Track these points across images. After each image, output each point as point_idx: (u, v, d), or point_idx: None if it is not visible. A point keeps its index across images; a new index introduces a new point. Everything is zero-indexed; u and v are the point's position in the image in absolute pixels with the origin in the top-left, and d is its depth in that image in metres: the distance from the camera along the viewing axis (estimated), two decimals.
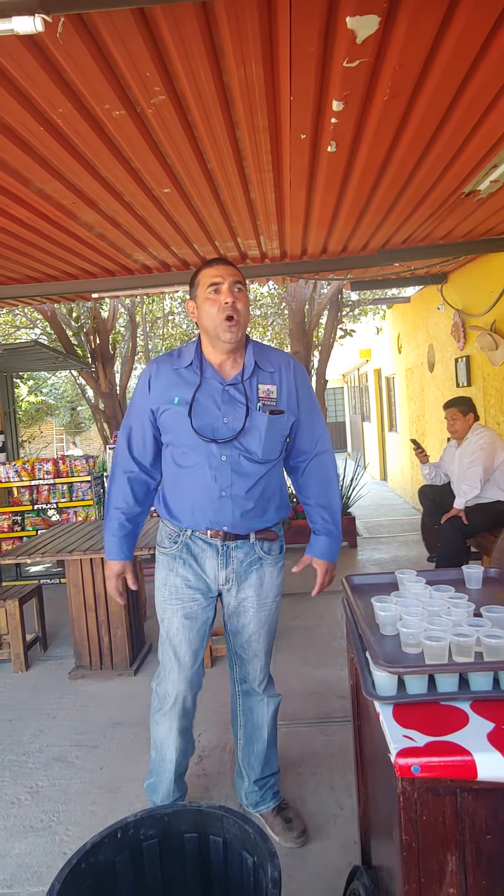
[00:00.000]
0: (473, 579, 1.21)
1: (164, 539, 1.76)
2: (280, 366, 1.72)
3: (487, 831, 0.79)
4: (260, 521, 1.69)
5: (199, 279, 1.66)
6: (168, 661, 1.76)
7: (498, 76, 1.94)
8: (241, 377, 1.66)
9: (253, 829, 1.29)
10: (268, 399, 1.66)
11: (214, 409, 1.64)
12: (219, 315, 1.59)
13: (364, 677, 0.93)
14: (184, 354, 1.71)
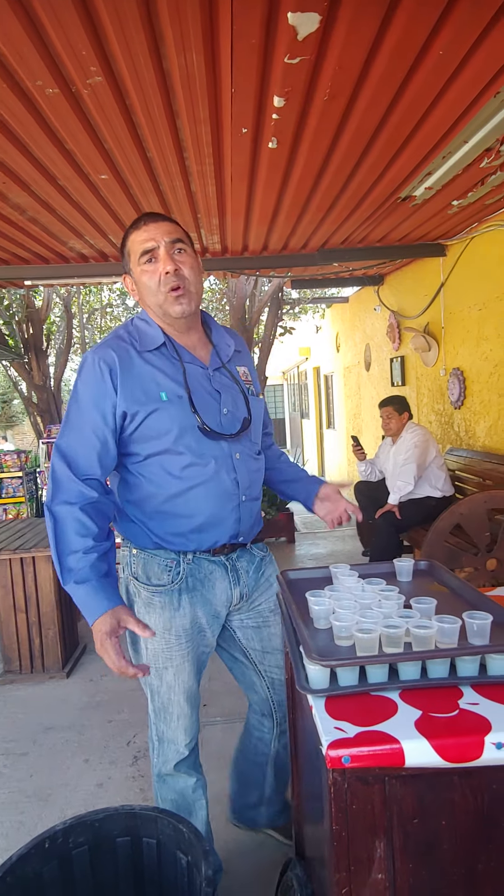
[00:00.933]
0: (404, 572, 1.25)
1: (158, 574, 1.36)
2: (242, 346, 1.52)
3: (414, 816, 0.82)
4: (258, 525, 1.47)
5: (128, 248, 1.33)
6: (176, 708, 1.42)
7: (433, 86, 2.00)
8: (220, 359, 1.41)
9: (188, 829, 1.27)
10: (248, 381, 1.45)
11: (211, 400, 1.35)
12: (161, 288, 1.28)
13: (297, 671, 0.93)
14: (144, 335, 1.35)
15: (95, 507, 1.26)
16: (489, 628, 0.92)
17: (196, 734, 1.49)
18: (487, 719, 0.81)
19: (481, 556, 3.23)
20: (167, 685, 1.40)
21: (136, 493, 1.35)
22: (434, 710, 0.84)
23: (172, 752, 1.46)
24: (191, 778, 1.50)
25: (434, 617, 0.94)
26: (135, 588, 1.40)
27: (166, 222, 1.31)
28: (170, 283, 1.28)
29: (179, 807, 1.52)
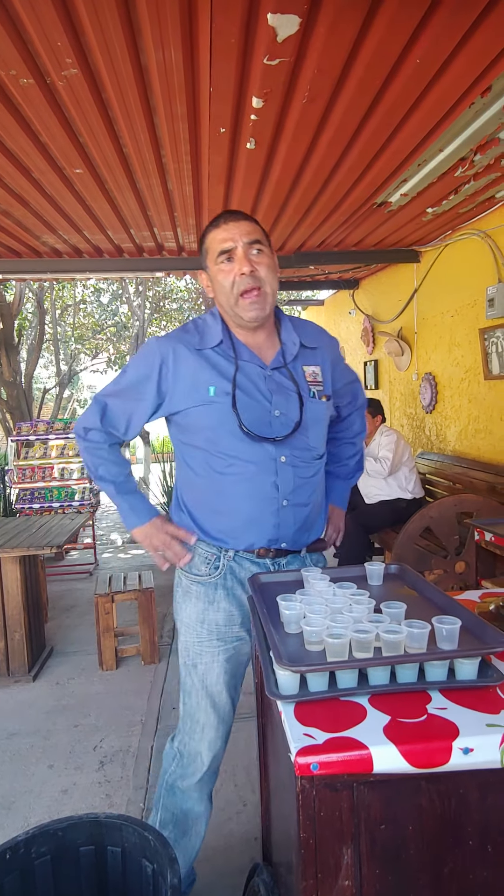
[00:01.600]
0: (375, 576, 1.25)
1: (198, 564, 1.38)
2: (321, 342, 1.45)
3: (382, 822, 0.81)
4: (314, 531, 1.42)
5: (206, 245, 1.32)
6: (202, 715, 1.39)
7: (410, 94, 2.02)
8: (283, 359, 1.36)
9: (153, 836, 1.25)
10: (315, 383, 1.38)
11: (262, 401, 1.31)
12: (234, 290, 1.26)
13: (267, 676, 0.93)
14: (206, 332, 1.35)
15: (117, 449, 1.43)
16: (458, 633, 0.92)
17: (218, 755, 1.44)
18: (455, 724, 0.82)
19: (450, 559, 3.28)
20: (198, 683, 1.39)
21: (187, 482, 1.40)
22: (403, 716, 0.84)
23: (193, 767, 1.43)
24: (198, 806, 1.47)
25: (404, 621, 0.94)
26: (179, 576, 1.44)
27: (246, 221, 1.29)
28: (244, 285, 1.26)
29: (177, 822, 1.48)
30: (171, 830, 1.49)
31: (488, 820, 0.82)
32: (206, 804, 1.47)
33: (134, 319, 7.66)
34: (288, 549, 1.36)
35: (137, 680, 2.95)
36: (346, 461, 1.63)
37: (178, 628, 1.44)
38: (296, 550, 1.38)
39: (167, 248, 3.99)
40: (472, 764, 0.79)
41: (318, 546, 1.45)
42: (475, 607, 1.19)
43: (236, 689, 1.44)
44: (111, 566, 5.27)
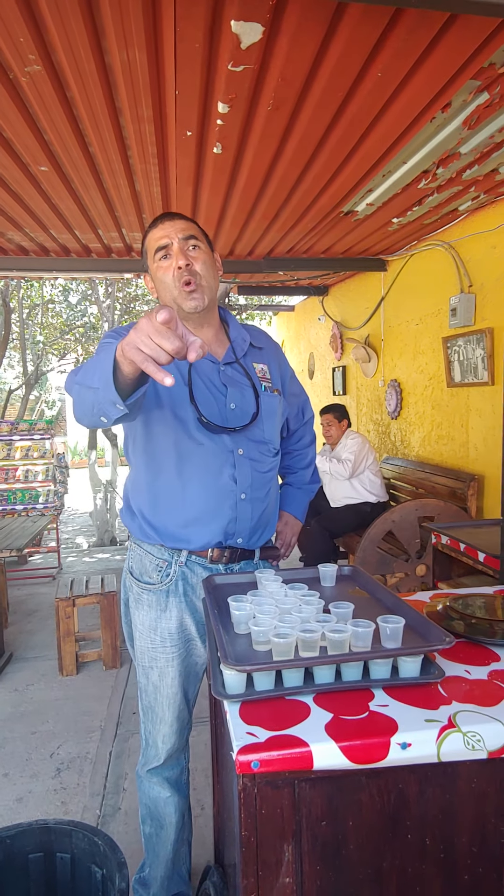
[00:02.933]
0: (328, 577, 1.27)
1: (149, 571, 1.37)
2: (267, 343, 1.50)
3: (322, 818, 0.83)
4: (267, 531, 1.43)
5: (146, 246, 1.35)
6: (158, 709, 1.41)
7: (372, 105, 2.07)
8: (234, 354, 1.39)
9: (103, 841, 1.24)
10: (265, 379, 1.42)
11: (217, 392, 1.33)
12: (174, 283, 1.28)
13: (215, 676, 0.93)
14: None
15: None
16: (401, 632, 0.95)
17: (177, 748, 1.45)
18: (395, 720, 0.83)
19: (411, 562, 3.34)
20: (153, 685, 1.40)
21: (140, 484, 1.36)
22: (345, 713, 0.85)
23: (151, 755, 1.46)
24: (163, 791, 1.48)
25: (350, 621, 0.96)
26: (129, 582, 1.43)
27: (181, 220, 1.32)
28: (182, 278, 1.27)
29: (152, 814, 1.51)
30: (150, 826, 1.51)
31: (426, 813, 0.84)
32: (171, 790, 1.48)
33: (103, 321, 7.58)
34: (242, 547, 1.36)
35: (98, 685, 2.91)
36: (301, 471, 1.67)
37: (130, 632, 1.45)
38: (249, 552, 1.39)
39: (136, 249, 3.97)
40: (410, 758, 0.81)
41: (272, 553, 1.46)
42: (424, 607, 1.22)
43: (193, 688, 1.44)
44: (75, 570, 5.19)
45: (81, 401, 1.11)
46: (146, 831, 1.52)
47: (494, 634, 1.07)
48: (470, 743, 0.81)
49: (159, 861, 1.51)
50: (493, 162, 2.64)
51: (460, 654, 1.03)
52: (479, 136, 2.38)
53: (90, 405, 1.07)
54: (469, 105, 2.12)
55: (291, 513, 1.62)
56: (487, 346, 3.28)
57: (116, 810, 2.02)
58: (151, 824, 1.51)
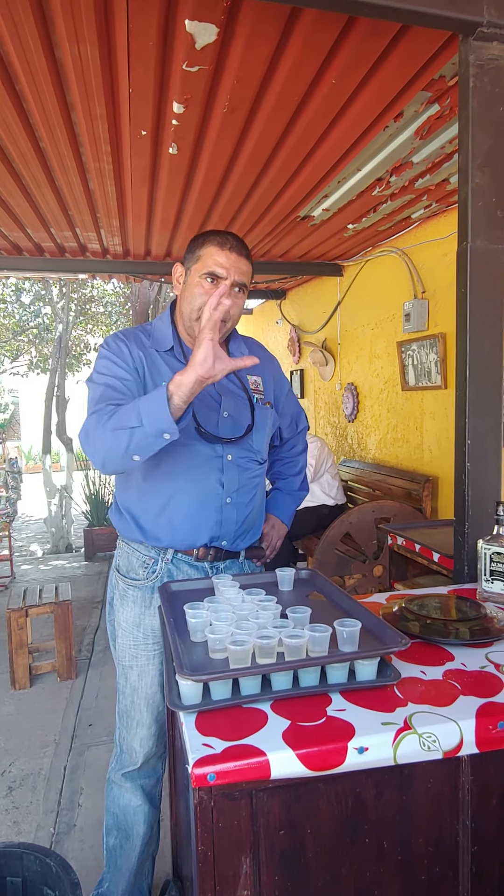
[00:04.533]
0: (285, 581, 1.27)
1: (136, 568, 1.39)
2: (261, 356, 1.48)
3: (280, 827, 0.81)
4: (251, 534, 1.46)
5: (200, 252, 1.31)
6: (136, 713, 1.40)
7: (327, 112, 2.09)
8: None
9: (55, 862, 1.20)
10: (257, 391, 1.45)
11: (211, 402, 1.36)
12: (202, 309, 1.23)
13: (170, 687, 0.91)
14: (157, 335, 1.39)
15: None
16: (358, 635, 0.95)
17: (155, 754, 1.44)
18: (352, 725, 0.83)
19: (369, 564, 3.39)
20: (131, 686, 1.40)
21: (130, 485, 1.39)
22: (303, 720, 0.85)
23: (127, 760, 1.44)
24: (135, 798, 1.46)
25: (307, 626, 0.95)
26: (115, 579, 1.45)
27: (246, 261, 1.32)
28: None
29: (119, 824, 1.48)
30: (115, 837, 1.48)
31: (383, 816, 0.84)
32: (143, 798, 1.46)
33: (57, 322, 7.40)
34: (227, 549, 1.40)
35: (52, 698, 2.82)
36: (291, 478, 1.70)
37: (114, 630, 1.45)
38: (234, 552, 1.42)
39: (91, 249, 3.89)
40: (367, 763, 0.81)
41: (257, 553, 1.49)
42: (380, 609, 1.23)
43: None
44: (29, 579, 5.03)
45: (115, 445, 1.16)
46: (110, 843, 1.48)
47: (448, 634, 1.09)
48: (426, 744, 0.82)
49: (121, 874, 1.47)
50: (444, 172, 2.72)
51: (416, 654, 1.04)
52: (430, 146, 2.44)
53: (125, 446, 1.14)
54: (421, 116, 2.17)
55: (278, 516, 1.64)
56: (440, 350, 3.37)
57: (72, 827, 1.96)
58: (117, 835, 1.47)
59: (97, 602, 4.24)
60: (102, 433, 1.17)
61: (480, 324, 1.47)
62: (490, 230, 1.45)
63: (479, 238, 1.45)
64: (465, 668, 1.00)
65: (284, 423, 1.63)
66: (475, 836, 0.88)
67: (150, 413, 1.11)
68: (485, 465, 1.49)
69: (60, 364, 7.27)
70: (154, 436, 1.12)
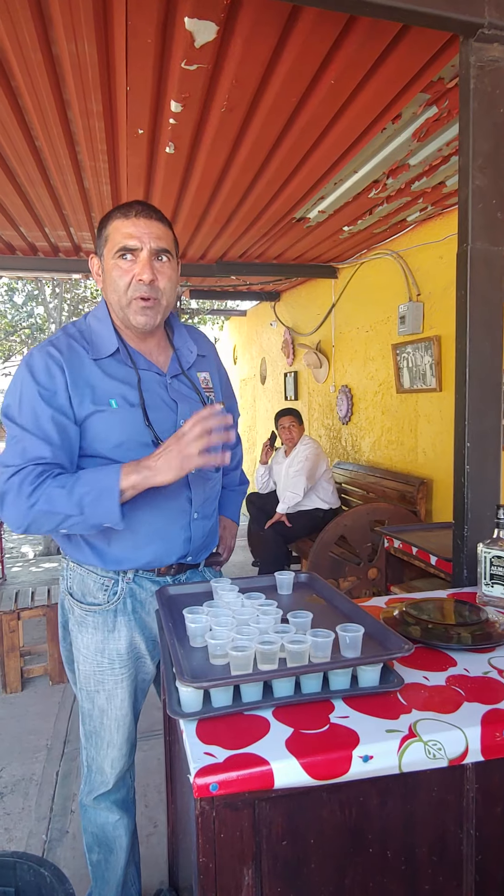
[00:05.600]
0: (284, 585, 1.25)
1: (93, 591, 1.27)
2: (207, 349, 1.41)
3: (283, 838, 0.80)
4: (213, 543, 1.39)
5: (108, 232, 1.18)
6: (106, 733, 1.31)
7: (325, 113, 2.08)
8: (180, 366, 1.31)
9: (49, 872, 1.17)
10: (208, 389, 1.34)
11: (168, 411, 1.24)
12: (128, 292, 1.17)
13: (170, 694, 0.89)
14: (97, 338, 1.22)
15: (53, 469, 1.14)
16: (360, 640, 0.93)
17: (126, 769, 1.37)
18: (356, 732, 0.82)
19: (363, 566, 3.38)
20: (99, 709, 1.30)
21: None
22: (305, 727, 0.83)
23: (98, 782, 1.35)
24: (112, 815, 1.38)
25: (309, 631, 0.94)
26: (69, 604, 1.31)
27: (160, 223, 1.18)
28: (140, 291, 1.16)
29: (100, 840, 1.41)
30: (98, 853, 1.42)
31: (388, 826, 0.83)
32: (120, 812, 1.39)
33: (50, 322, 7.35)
34: (191, 563, 1.33)
35: (44, 701, 2.78)
36: (231, 473, 1.61)
37: (70, 656, 1.35)
38: (195, 564, 1.35)
39: (84, 248, 3.86)
40: (372, 771, 0.79)
41: (215, 560, 1.44)
42: (380, 613, 1.22)
43: (140, 704, 1.37)
44: (20, 581, 4.98)
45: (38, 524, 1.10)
46: (94, 859, 1.42)
47: (451, 639, 1.08)
48: (431, 752, 0.80)
49: (109, 887, 1.43)
50: (441, 175, 2.72)
51: (418, 660, 1.03)
52: (427, 148, 2.44)
53: (52, 527, 1.10)
54: (419, 118, 2.17)
55: (229, 517, 1.57)
56: (435, 353, 3.37)
57: (64, 834, 1.93)
58: (99, 851, 1.42)
59: None
60: (25, 509, 1.08)
61: (480, 326, 1.46)
62: (490, 232, 1.45)
63: (479, 240, 1.44)
64: (468, 673, 0.99)
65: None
66: (479, 845, 0.86)
67: (94, 506, 1.06)
68: (484, 467, 1.48)
69: None
70: (94, 525, 1.09)
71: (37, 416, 1.14)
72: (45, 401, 1.15)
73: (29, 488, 1.09)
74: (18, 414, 1.15)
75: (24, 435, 1.14)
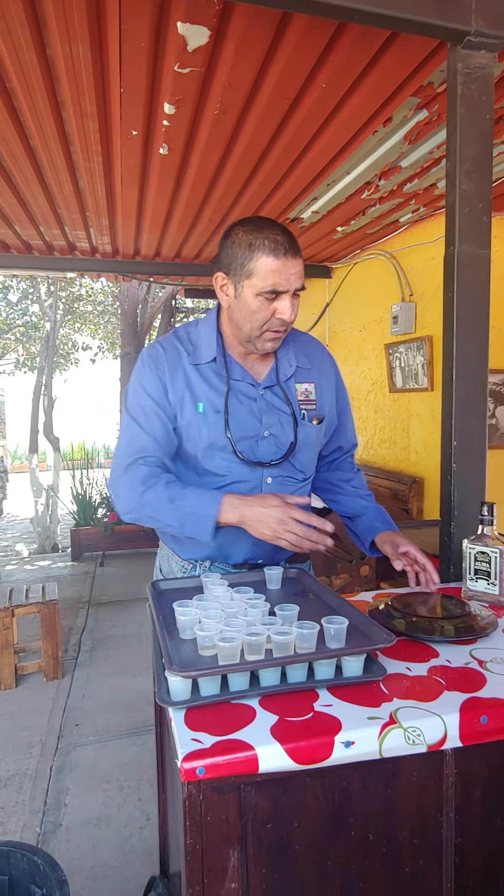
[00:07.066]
0: (274, 580, 1.28)
1: (175, 572, 1.39)
2: (317, 360, 1.39)
3: (268, 821, 0.83)
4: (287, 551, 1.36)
5: (254, 265, 1.15)
6: None
7: (317, 116, 2.11)
8: (276, 377, 1.31)
9: (43, 860, 1.20)
10: (307, 402, 1.33)
11: (252, 420, 1.27)
12: (262, 326, 1.20)
13: (159, 683, 0.91)
14: (200, 345, 1.28)
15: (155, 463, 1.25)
16: (345, 632, 0.96)
17: None
18: (339, 719, 0.85)
19: (355, 564, 3.41)
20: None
21: None
22: (290, 715, 0.86)
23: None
24: None
25: (295, 623, 0.97)
26: (156, 574, 1.45)
27: (300, 259, 1.19)
28: (276, 326, 1.20)
29: None
30: None
31: (369, 810, 0.86)
32: None
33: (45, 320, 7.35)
34: (263, 564, 1.35)
35: (38, 698, 2.81)
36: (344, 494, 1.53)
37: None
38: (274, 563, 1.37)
39: (80, 247, 3.88)
40: (353, 756, 0.82)
41: (300, 556, 1.43)
42: (367, 607, 1.25)
43: None
44: (15, 579, 5.00)
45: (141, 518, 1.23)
46: None
47: (433, 632, 1.11)
48: (410, 738, 0.83)
49: None
50: (432, 177, 2.75)
51: (402, 651, 1.06)
52: (418, 151, 2.47)
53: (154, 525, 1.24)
54: (409, 121, 2.20)
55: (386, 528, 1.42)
56: (427, 353, 3.41)
57: (58, 827, 1.96)
58: None
59: (84, 602, 4.22)
60: (135, 507, 1.22)
61: (467, 327, 1.49)
62: (477, 235, 1.48)
63: (465, 243, 1.47)
64: (449, 664, 1.02)
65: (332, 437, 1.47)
66: (459, 829, 0.90)
67: (192, 525, 1.17)
68: (470, 466, 1.52)
69: (48, 363, 7.23)
70: (187, 536, 1.20)
71: (145, 412, 1.26)
72: (152, 398, 1.26)
73: (140, 488, 1.21)
74: (133, 407, 1.28)
75: (132, 428, 1.26)
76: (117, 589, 4.57)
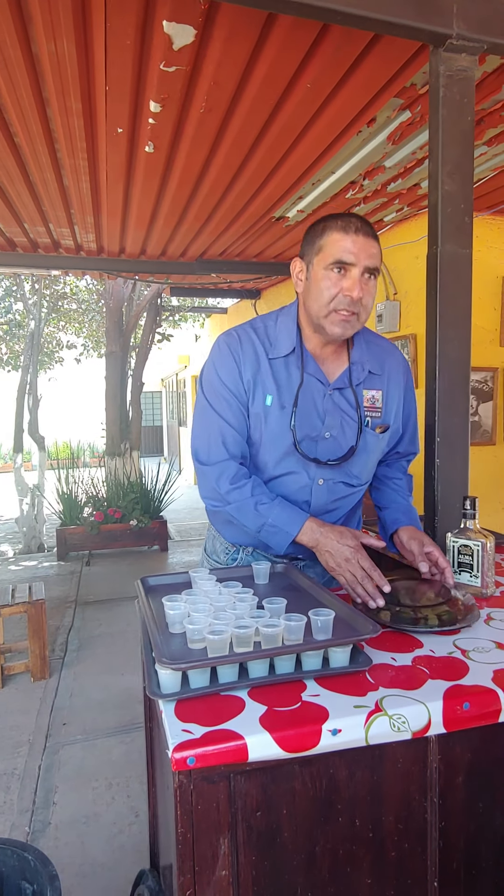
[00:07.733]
0: (261, 575, 1.29)
1: (219, 552, 1.44)
2: (390, 368, 1.36)
3: (257, 808, 0.84)
4: None
5: (322, 242, 1.18)
6: None
7: (302, 115, 2.13)
8: (348, 380, 1.30)
9: (33, 856, 1.21)
10: (372, 409, 1.32)
11: (315, 419, 1.28)
12: (331, 303, 1.19)
13: (149, 676, 0.93)
14: (280, 337, 1.29)
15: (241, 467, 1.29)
16: (332, 624, 0.98)
17: None
18: (326, 708, 0.86)
19: None
20: None
21: None
22: (279, 705, 0.88)
23: None
24: None
25: (283, 616, 0.98)
26: (203, 558, 1.51)
27: (375, 242, 1.19)
28: (344, 305, 1.18)
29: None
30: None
31: (356, 796, 0.88)
32: None
33: (29, 318, 7.29)
34: (305, 559, 1.37)
35: (26, 698, 2.80)
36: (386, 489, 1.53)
37: None
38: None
39: (64, 245, 3.85)
40: (340, 744, 0.84)
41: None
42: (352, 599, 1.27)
43: None
44: (0, 579, 4.96)
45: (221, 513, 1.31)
46: None
47: (417, 622, 1.13)
48: (395, 725, 0.86)
49: None
50: (416, 177, 2.79)
51: (387, 642, 1.08)
52: (402, 151, 2.50)
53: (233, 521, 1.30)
54: (393, 122, 2.22)
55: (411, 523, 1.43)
56: (411, 350, 3.45)
57: (47, 825, 1.96)
58: None
59: (70, 602, 4.21)
60: (220, 502, 1.28)
61: (449, 325, 1.52)
62: (458, 235, 1.51)
63: (448, 242, 1.50)
64: (433, 654, 1.04)
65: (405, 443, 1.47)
66: (442, 813, 0.92)
67: (269, 535, 1.25)
68: (453, 461, 1.55)
69: (33, 361, 7.16)
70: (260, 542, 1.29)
71: (225, 400, 1.28)
72: (227, 386, 1.28)
73: (228, 486, 1.26)
74: (211, 394, 1.30)
75: (215, 418, 1.29)
76: (104, 588, 4.56)
